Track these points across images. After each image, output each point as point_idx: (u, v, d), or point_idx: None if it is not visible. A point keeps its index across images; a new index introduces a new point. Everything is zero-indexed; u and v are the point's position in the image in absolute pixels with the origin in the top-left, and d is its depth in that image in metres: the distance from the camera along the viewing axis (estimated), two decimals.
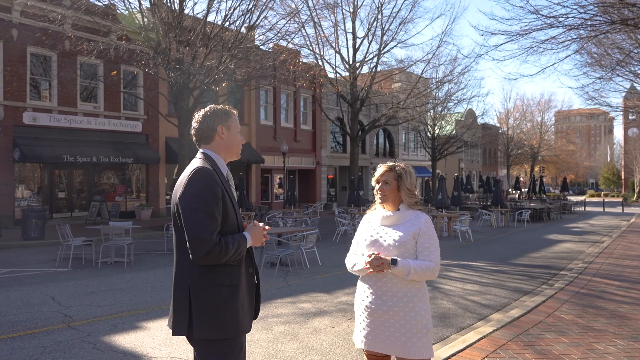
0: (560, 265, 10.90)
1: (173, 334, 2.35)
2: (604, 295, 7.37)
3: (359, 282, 2.97)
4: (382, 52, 26.04)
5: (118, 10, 17.80)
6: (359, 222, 14.79)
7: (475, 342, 5.04)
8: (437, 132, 36.65)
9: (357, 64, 26.26)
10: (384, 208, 2.97)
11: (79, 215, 20.28)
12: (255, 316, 2.58)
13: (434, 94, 33.64)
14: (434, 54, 27.51)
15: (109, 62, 19.64)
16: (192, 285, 2.30)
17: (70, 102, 19.48)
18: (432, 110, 34.97)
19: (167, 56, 16.40)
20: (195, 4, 25.90)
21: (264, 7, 17.61)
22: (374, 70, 26.32)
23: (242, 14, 17.23)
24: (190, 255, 2.25)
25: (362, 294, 2.91)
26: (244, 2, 17.19)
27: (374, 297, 2.83)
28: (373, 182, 3.00)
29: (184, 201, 2.29)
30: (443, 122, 37.21)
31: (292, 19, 20.26)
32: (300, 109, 30.99)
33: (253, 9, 17.30)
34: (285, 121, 30.09)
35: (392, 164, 2.98)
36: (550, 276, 9.57)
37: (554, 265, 11.01)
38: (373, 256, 2.74)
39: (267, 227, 2.67)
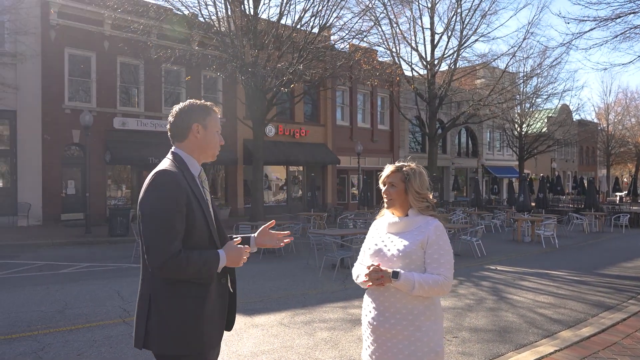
0: None
1: (134, 345, 2.20)
2: None
3: (365, 296, 2.70)
4: (462, 47, 24.90)
5: (198, 18, 18.59)
6: None
7: None
8: (524, 130, 34.44)
9: (436, 61, 25.33)
10: (393, 214, 2.69)
11: None
12: (229, 328, 2.39)
13: (520, 89, 31.63)
14: (519, 47, 25.81)
15: (190, 68, 20.57)
16: (153, 295, 2.13)
17: (155, 107, 20.70)
18: (518, 107, 32.91)
19: (241, 60, 16.85)
20: (269, 8, 26.36)
21: (335, 7, 17.52)
22: (453, 66, 25.24)
23: (313, 15, 17.27)
24: (148, 266, 2.09)
25: (366, 308, 2.65)
26: (315, 3, 17.25)
27: (376, 312, 2.55)
28: (380, 184, 2.72)
29: (142, 206, 2.12)
30: (531, 120, 34.85)
31: (366, 17, 19.99)
32: (378, 108, 30.57)
33: (325, 9, 17.30)
34: (362, 121, 29.83)
35: (400, 164, 2.68)
36: None
37: None
38: (372, 268, 2.47)
39: (284, 232, 2.53)
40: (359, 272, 2.65)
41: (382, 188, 2.68)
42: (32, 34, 16.13)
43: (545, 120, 37.62)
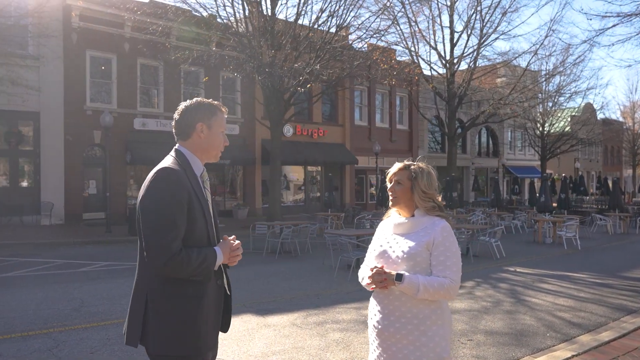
0: None
1: (126, 343, 2.18)
2: None
3: (370, 298, 2.64)
4: (482, 45, 24.56)
5: (218, 20, 18.72)
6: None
7: None
8: (547, 129, 33.80)
9: (455, 60, 25.04)
10: (399, 214, 2.62)
11: None
12: (225, 329, 2.37)
13: (543, 87, 31.06)
14: (541, 44, 25.33)
15: (209, 69, 20.71)
16: (150, 293, 2.10)
17: (174, 108, 20.27)
18: (540, 106, 32.31)
19: (258, 60, 16.90)
20: (286, 8, 26.42)
21: (352, 6, 17.46)
22: (472, 65, 24.92)
23: (330, 15, 17.23)
24: (148, 264, 2.06)
25: (371, 311, 2.59)
26: (332, 2, 17.20)
27: (381, 316, 2.49)
28: (387, 181, 2.67)
29: (143, 204, 2.09)
30: (554, 119, 34.17)
31: (384, 16, 19.86)
32: (396, 108, 30.37)
33: (342, 9, 17.24)
34: (380, 121, 29.67)
35: (408, 162, 2.62)
36: None
37: None
38: (375, 270, 2.41)
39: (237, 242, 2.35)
40: (364, 274, 2.59)
41: (388, 185, 2.63)
42: (54, 37, 16.44)
43: (568, 119, 36.86)
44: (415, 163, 2.59)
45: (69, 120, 18.21)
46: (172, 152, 2.29)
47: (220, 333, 2.35)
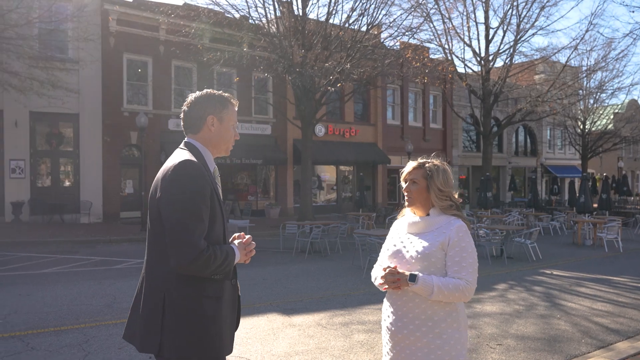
0: None
1: (141, 350, 2.05)
2: None
3: (384, 300, 2.57)
4: (519, 41, 23.88)
5: (250, 21, 18.90)
6: (482, 225, 13.65)
7: None
8: (588, 127, 32.59)
9: (490, 57, 24.44)
10: (414, 213, 2.54)
11: None
12: (235, 328, 2.32)
13: (583, 84, 29.94)
14: (581, 39, 24.41)
15: (241, 70, 20.92)
16: (168, 294, 2.00)
17: None
18: (581, 103, 31.17)
19: (289, 61, 16.96)
20: (317, 8, 26.41)
21: (383, 4, 17.29)
22: (509, 61, 24.27)
23: (361, 14, 17.12)
24: (172, 262, 1.94)
25: (385, 312, 2.52)
26: (363, 1, 17.09)
27: (394, 317, 2.42)
28: (401, 182, 2.59)
29: (167, 198, 1.98)
30: (595, 116, 32.90)
31: (416, 12, 19.58)
32: (430, 106, 29.92)
33: (373, 7, 17.11)
34: (413, 120, 29.29)
35: (423, 160, 2.53)
36: None
37: None
38: (388, 270, 2.33)
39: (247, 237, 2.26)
40: (377, 274, 2.53)
41: (403, 185, 2.55)
42: (92, 40, 16.93)
43: (611, 116, 35.42)
44: (429, 160, 2.50)
45: (107, 122, 18.75)
46: (183, 146, 2.19)
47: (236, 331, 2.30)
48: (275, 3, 17.59)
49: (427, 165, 2.48)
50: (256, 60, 18.39)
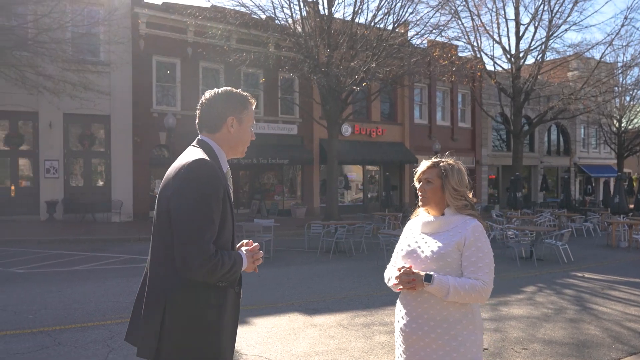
0: None
1: (138, 355, 1.99)
2: None
3: (397, 301, 2.53)
4: (551, 37, 23.28)
5: (276, 22, 19.00)
6: (511, 226, 13.35)
7: None
8: (624, 125, 31.50)
9: (521, 54, 23.90)
10: (428, 212, 2.49)
11: (243, 212, 22.14)
12: None
13: (619, 80, 28.96)
14: (617, 34, 23.59)
15: (268, 70, 21.05)
16: (169, 298, 1.93)
17: None
18: (617, 100, 30.16)
19: (314, 60, 16.96)
20: (344, 7, 26.33)
21: (409, 2, 17.11)
22: (540, 58, 23.69)
23: (387, 12, 16.99)
24: (178, 265, 1.87)
25: (398, 314, 2.48)
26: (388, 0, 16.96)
27: (408, 319, 2.37)
28: (415, 182, 2.53)
29: (178, 197, 1.90)
30: (632, 114, 31.78)
31: (444, 10, 19.30)
32: (458, 105, 29.45)
33: (399, 6, 16.96)
34: (441, 119, 28.89)
35: (437, 159, 2.48)
36: None
37: None
38: (403, 270, 2.29)
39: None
40: (391, 274, 2.48)
41: (417, 185, 2.49)
42: (122, 43, 17.32)
43: None
44: (444, 160, 2.45)
45: (137, 123, 19.13)
46: (197, 143, 2.11)
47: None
48: (301, 3, 17.62)
49: (441, 164, 2.43)
50: (282, 61, 18.45)
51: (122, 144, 18.92)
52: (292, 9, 17.75)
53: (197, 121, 2.18)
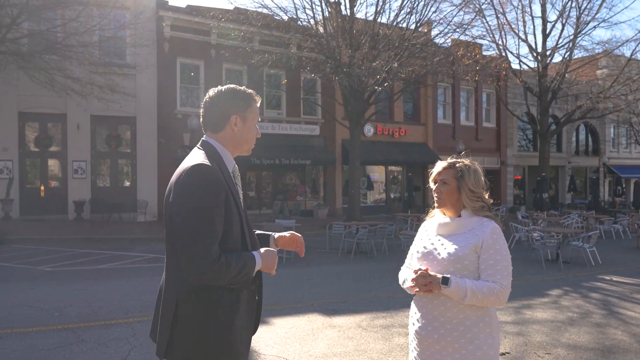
0: None
1: (156, 354, 2.03)
2: None
3: (412, 303, 2.49)
4: (579, 35, 22.75)
5: (298, 23, 19.06)
6: (537, 228, 13.08)
7: None
8: None
9: (548, 52, 23.42)
10: (444, 214, 2.45)
11: (266, 212, 22.28)
12: (253, 332, 2.21)
13: None
14: None
15: (290, 71, 21.11)
16: (180, 300, 1.95)
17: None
18: None
19: (336, 61, 16.95)
20: (366, 7, 26.23)
21: (432, 1, 16.96)
22: (568, 56, 23.17)
23: (409, 12, 16.87)
24: (182, 271, 1.89)
25: (413, 317, 2.44)
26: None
27: (424, 321, 2.34)
28: (430, 183, 2.50)
29: (178, 203, 1.91)
30: None
31: (467, 8, 19.06)
32: (483, 105, 29.03)
33: (421, 4, 16.82)
34: (465, 119, 28.52)
35: (452, 160, 2.44)
36: None
37: None
38: (419, 272, 2.26)
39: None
40: (406, 276, 2.46)
41: (433, 186, 2.46)
42: (148, 46, 17.62)
43: None
44: (460, 160, 2.41)
45: (162, 124, 19.43)
46: (201, 145, 2.11)
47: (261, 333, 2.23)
48: (323, 4, 17.64)
49: (457, 165, 2.39)
50: (304, 62, 18.49)
51: (148, 145, 19.25)
52: (314, 10, 17.80)
53: (201, 120, 2.18)
